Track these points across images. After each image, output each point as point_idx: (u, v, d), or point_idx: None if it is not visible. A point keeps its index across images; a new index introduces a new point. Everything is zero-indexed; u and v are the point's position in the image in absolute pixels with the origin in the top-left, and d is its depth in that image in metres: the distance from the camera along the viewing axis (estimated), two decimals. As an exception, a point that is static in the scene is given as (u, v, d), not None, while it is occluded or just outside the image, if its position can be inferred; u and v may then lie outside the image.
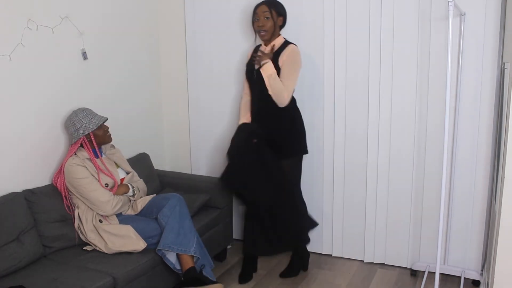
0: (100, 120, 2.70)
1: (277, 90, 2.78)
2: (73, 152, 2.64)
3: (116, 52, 3.21)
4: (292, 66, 2.83)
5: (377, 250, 3.25)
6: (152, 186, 3.23)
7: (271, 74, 2.78)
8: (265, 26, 2.84)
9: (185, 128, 3.71)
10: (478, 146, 2.87)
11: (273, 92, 2.80)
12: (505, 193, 2.09)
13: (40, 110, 2.68)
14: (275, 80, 2.78)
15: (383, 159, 3.11)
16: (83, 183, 2.58)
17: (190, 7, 3.49)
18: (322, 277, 3.11)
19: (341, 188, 3.28)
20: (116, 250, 2.54)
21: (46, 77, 2.70)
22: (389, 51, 2.96)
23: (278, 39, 2.91)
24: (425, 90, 2.95)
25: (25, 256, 2.38)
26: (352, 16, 3.02)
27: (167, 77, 3.68)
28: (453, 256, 3.04)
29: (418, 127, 3.00)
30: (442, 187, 2.37)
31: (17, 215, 2.41)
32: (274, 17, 2.84)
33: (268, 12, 2.83)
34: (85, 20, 2.93)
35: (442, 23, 2.82)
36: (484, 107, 2.81)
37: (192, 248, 2.60)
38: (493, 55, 2.74)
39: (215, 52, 3.47)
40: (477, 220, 2.95)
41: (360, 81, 3.09)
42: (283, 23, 2.93)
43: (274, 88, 2.79)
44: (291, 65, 2.83)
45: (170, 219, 2.63)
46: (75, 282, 2.22)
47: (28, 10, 2.55)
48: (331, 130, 3.21)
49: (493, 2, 2.68)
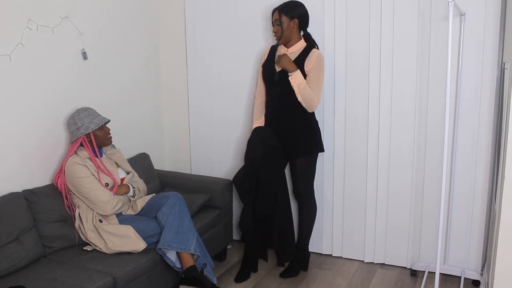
0: (101, 121, 2.70)
1: (308, 98, 2.83)
2: (73, 151, 2.65)
3: (116, 52, 3.21)
4: (319, 72, 2.86)
5: (377, 250, 3.25)
6: (152, 186, 3.23)
7: (301, 83, 2.81)
8: (278, 32, 2.87)
9: (185, 128, 3.72)
10: (478, 146, 2.87)
11: (304, 100, 2.84)
12: (505, 193, 2.09)
13: (40, 110, 2.68)
14: (305, 89, 2.81)
15: (383, 160, 3.11)
16: (83, 182, 2.58)
17: (190, 7, 3.49)
18: (322, 277, 3.12)
19: (341, 188, 3.27)
20: (116, 250, 2.54)
21: (46, 77, 2.70)
22: (389, 51, 2.96)
23: (300, 43, 2.90)
24: (425, 90, 2.95)
25: (25, 256, 2.38)
26: (352, 16, 3.02)
27: (167, 77, 3.68)
28: (453, 256, 3.04)
29: (418, 127, 3.00)
30: (442, 187, 2.37)
31: (17, 215, 2.41)
32: (285, 22, 2.83)
33: (278, 20, 2.85)
34: (85, 20, 2.93)
35: (442, 23, 2.82)
36: (484, 107, 2.81)
37: (192, 246, 2.60)
38: (493, 55, 2.74)
39: (215, 52, 3.47)
40: (477, 220, 2.95)
41: (360, 81, 3.09)
42: (299, 24, 2.88)
43: (304, 96, 2.82)
44: (318, 71, 2.85)
45: (169, 217, 2.63)
46: (75, 282, 2.22)
47: (28, 10, 2.55)
48: (331, 130, 3.20)
49: (493, 2, 2.68)
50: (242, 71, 3.38)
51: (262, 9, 3.23)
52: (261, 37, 3.27)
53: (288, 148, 2.96)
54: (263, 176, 2.91)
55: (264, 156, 2.87)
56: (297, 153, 2.98)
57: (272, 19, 2.90)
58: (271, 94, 3.01)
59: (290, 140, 2.95)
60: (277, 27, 2.86)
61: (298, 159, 3.00)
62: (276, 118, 2.98)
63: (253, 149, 2.91)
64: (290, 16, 2.84)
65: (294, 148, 2.97)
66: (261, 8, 3.23)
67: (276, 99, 2.96)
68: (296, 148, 2.97)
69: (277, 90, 2.93)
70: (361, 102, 3.11)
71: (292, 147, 2.96)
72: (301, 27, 2.91)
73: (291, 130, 2.95)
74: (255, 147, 2.90)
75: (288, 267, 3.15)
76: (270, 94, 3.01)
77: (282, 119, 2.96)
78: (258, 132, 2.98)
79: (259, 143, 2.90)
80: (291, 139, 2.95)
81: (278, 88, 2.92)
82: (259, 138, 2.93)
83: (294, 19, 2.85)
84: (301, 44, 2.91)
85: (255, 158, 2.89)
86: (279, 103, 2.95)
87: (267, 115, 3.06)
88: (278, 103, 2.96)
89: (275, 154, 2.92)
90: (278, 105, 2.96)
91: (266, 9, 3.20)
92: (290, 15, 2.84)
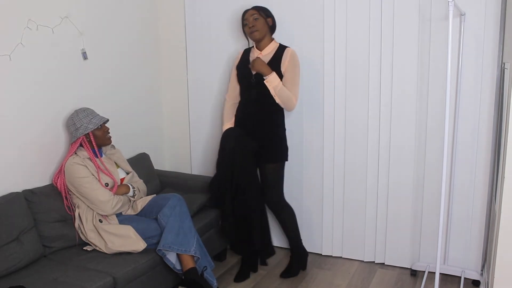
0: (100, 121, 2.70)
1: (286, 98, 2.84)
2: (73, 151, 2.65)
3: (116, 52, 3.21)
4: (295, 70, 2.88)
5: (377, 250, 3.25)
6: (152, 186, 3.23)
7: (277, 86, 2.83)
8: (256, 25, 2.88)
9: (185, 128, 3.72)
10: (478, 146, 2.87)
11: (282, 102, 2.86)
12: (505, 193, 2.09)
13: (40, 110, 2.68)
14: (282, 90, 2.83)
15: (383, 160, 3.11)
16: (83, 182, 2.58)
17: (190, 7, 3.49)
18: (322, 277, 3.12)
19: (341, 188, 3.27)
20: (116, 250, 2.54)
21: (46, 77, 2.70)
22: (389, 51, 2.96)
23: (272, 44, 2.94)
24: (425, 90, 2.94)
25: (25, 256, 2.38)
26: (352, 16, 3.02)
27: (167, 77, 3.68)
28: (453, 256, 3.04)
29: (418, 127, 3.00)
30: (442, 187, 2.37)
31: (17, 215, 2.41)
32: (261, 18, 2.88)
33: (257, 14, 2.89)
34: (85, 20, 2.93)
35: (442, 23, 2.82)
36: (484, 107, 2.81)
37: (193, 248, 2.60)
38: (493, 55, 2.74)
39: (215, 52, 3.47)
40: (477, 220, 2.95)
41: (360, 81, 3.09)
42: (273, 24, 2.95)
43: (282, 97, 2.84)
44: (294, 70, 2.87)
45: (170, 219, 2.63)
46: (75, 282, 2.22)
47: (28, 10, 2.55)
48: (331, 130, 3.20)
49: (493, 2, 2.68)
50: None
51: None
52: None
53: (261, 152, 2.94)
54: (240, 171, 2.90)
55: (238, 145, 2.88)
56: (269, 158, 2.96)
57: (246, 18, 2.91)
58: (246, 97, 3.00)
59: (263, 144, 2.94)
60: (254, 21, 2.88)
61: (270, 165, 2.98)
62: (251, 121, 2.96)
63: (226, 141, 2.93)
64: (265, 14, 2.91)
65: (267, 153, 2.95)
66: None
67: (252, 102, 2.95)
68: (269, 152, 2.95)
69: (253, 93, 2.93)
70: (361, 102, 3.11)
71: (266, 151, 2.94)
72: (272, 29, 2.96)
73: (266, 134, 2.94)
74: (228, 139, 2.93)
75: (288, 267, 3.15)
76: (246, 97, 3.01)
77: (257, 122, 2.95)
78: (231, 131, 3.00)
79: (232, 137, 2.93)
80: (264, 144, 2.94)
81: (255, 91, 2.92)
82: (233, 135, 2.95)
83: (269, 17, 2.92)
84: (273, 45, 2.93)
85: (229, 148, 2.89)
86: (255, 106, 2.94)
87: (239, 118, 3.04)
88: (254, 106, 2.95)
89: (249, 149, 2.91)
90: (254, 108, 2.95)
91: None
92: (265, 13, 2.92)
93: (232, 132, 3.00)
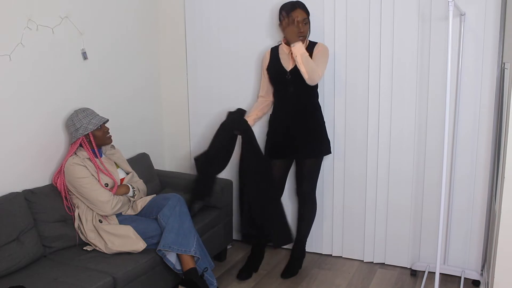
0: (100, 121, 2.70)
1: (311, 68, 2.73)
2: (72, 151, 2.65)
3: (116, 52, 3.21)
4: (324, 56, 2.85)
5: (377, 250, 3.25)
6: (152, 186, 3.23)
7: (304, 53, 2.74)
8: (305, 31, 2.84)
9: (185, 128, 3.71)
10: (478, 146, 2.87)
11: (307, 70, 2.72)
12: (505, 193, 2.09)
13: (40, 110, 2.67)
14: (308, 59, 2.73)
15: (383, 160, 3.11)
16: (83, 183, 2.58)
17: (190, 7, 3.49)
18: (322, 277, 3.12)
19: (341, 188, 3.27)
20: (116, 250, 2.54)
21: (46, 77, 2.70)
22: (389, 51, 2.96)
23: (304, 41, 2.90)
24: (425, 90, 2.94)
25: (25, 256, 2.38)
26: (351, 16, 3.02)
27: (167, 77, 3.68)
28: (453, 256, 3.04)
29: (418, 127, 3.00)
30: (442, 187, 2.37)
31: (17, 215, 2.41)
32: (309, 21, 2.86)
33: (307, 19, 2.84)
34: (85, 20, 2.93)
35: (442, 23, 2.82)
36: (484, 107, 2.81)
37: (193, 249, 2.60)
38: (493, 55, 2.74)
39: (216, 52, 3.46)
40: (477, 220, 2.95)
41: (360, 81, 3.09)
42: None
43: (307, 66, 2.72)
44: (323, 55, 2.85)
45: (170, 219, 2.63)
46: (75, 282, 2.22)
47: (28, 10, 2.55)
48: (331, 130, 3.20)
49: (493, 2, 2.68)
50: (243, 71, 3.38)
51: (264, 8, 3.22)
52: (262, 37, 3.25)
53: (298, 149, 2.94)
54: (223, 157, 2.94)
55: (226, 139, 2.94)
56: (307, 154, 2.96)
57: (294, 17, 2.79)
58: (282, 95, 2.97)
59: (301, 140, 2.93)
60: (304, 26, 2.82)
61: (307, 160, 2.99)
62: (290, 118, 2.93)
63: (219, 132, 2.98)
64: (308, 13, 2.86)
65: (306, 149, 2.95)
66: (263, 8, 3.22)
67: (289, 98, 2.92)
68: (307, 149, 2.95)
69: (290, 89, 2.90)
70: (360, 103, 3.11)
71: (304, 148, 2.94)
72: None
73: (304, 130, 2.93)
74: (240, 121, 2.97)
75: (287, 267, 3.15)
76: (281, 95, 2.97)
77: (295, 118, 2.92)
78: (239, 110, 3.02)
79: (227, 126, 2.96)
80: (302, 140, 2.93)
81: (291, 87, 2.88)
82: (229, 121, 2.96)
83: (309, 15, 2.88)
84: (305, 42, 2.90)
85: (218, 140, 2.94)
86: (293, 103, 2.91)
87: (276, 117, 3.02)
88: (291, 103, 2.92)
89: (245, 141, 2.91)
90: (291, 105, 2.92)
91: (267, 8, 3.19)
92: (308, 12, 2.86)
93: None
